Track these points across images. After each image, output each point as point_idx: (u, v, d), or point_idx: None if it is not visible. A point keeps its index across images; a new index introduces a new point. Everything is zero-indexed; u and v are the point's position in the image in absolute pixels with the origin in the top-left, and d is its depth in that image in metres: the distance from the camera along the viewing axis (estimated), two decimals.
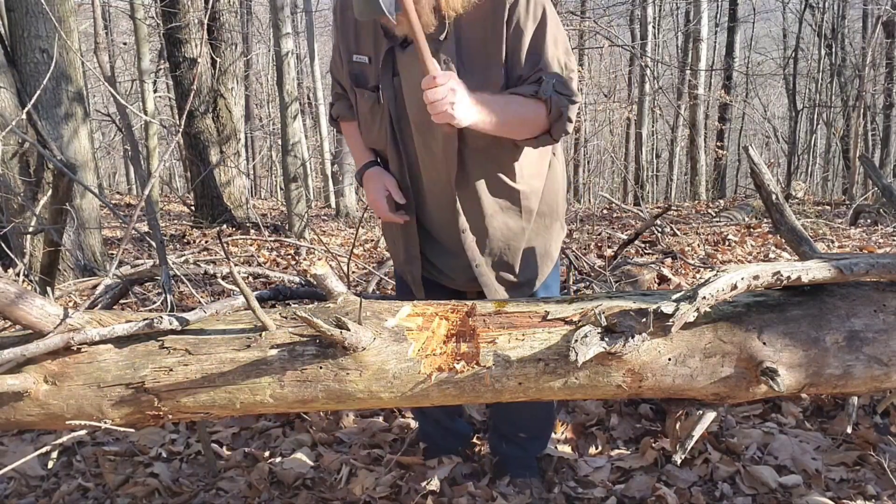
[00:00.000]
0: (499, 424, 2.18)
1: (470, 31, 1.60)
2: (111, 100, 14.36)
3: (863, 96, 11.94)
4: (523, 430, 2.13)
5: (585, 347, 1.35)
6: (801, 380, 1.50)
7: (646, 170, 15.75)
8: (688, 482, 2.09)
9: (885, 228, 5.90)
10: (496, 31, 1.58)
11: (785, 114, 18.38)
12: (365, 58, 1.72)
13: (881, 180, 1.82)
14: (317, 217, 9.49)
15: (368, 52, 1.71)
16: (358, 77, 1.75)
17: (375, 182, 1.79)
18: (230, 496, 2.14)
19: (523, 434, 2.13)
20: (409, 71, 1.65)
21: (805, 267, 1.47)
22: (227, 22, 7.94)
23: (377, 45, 1.69)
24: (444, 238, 1.83)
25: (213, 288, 4.25)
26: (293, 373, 1.43)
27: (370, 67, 1.72)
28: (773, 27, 19.48)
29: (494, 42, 1.59)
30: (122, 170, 21.26)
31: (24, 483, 2.27)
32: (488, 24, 1.58)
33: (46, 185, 3.82)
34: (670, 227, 5.94)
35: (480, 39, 1.60)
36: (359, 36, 1.72)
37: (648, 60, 13.97)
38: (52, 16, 4.13)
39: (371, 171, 1.81)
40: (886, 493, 1.97)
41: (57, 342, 1.38)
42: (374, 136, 1.79)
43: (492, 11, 1.57)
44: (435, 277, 1.91)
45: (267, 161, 19.46)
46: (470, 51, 1.61)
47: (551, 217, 1.86)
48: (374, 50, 1.70)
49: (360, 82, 1.75)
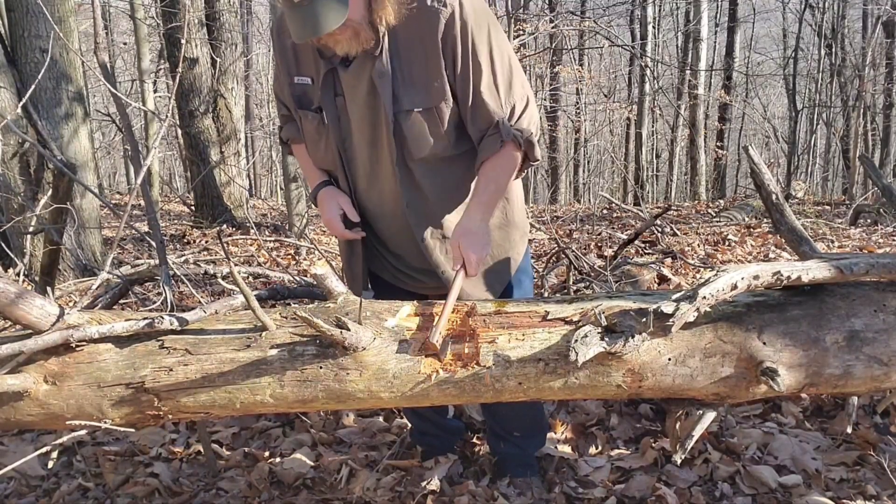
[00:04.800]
0: (492, 425, 2.19)
1: (409, 45, 1.59)
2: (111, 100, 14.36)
3: (863, 96, 11.95)
4: (516, 429, 2.13)
5: (585, 347, 1.35)
6: (801, 380, 1.50)
7: (646, 170, 15.74)
8: (688, 482, 2.09)
9: (885, 228, 5.90)
10: (432, 46, 1.57)
11: (785, 114, 18.38)
12: (307, 79, 1.71)
13: (881, 180, 1.82)
14: (317, 217, 9.48)
15: (310, 73, 1.71)
16: (301, 98, 1.75)
17: (329, 202, 1.78)
18: (230, 496, 2.13)
19: (517, 433, 2.13)
20: (352, 88, 1.65)
21: (805, 267, 1.47)
22: (227, 22, 7.94)
23: (318, 66, 1.67)
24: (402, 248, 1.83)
25: (213, 288, 4.25)
26: (293, 373, 1.43)
27: (312, 88, 1.71)
28: (773, 27, 19.49)
29: (433, 56, 1.59)
30: (122, 170, 21.25)
31: (25, 483, 2.27)
32: (426, 39, 1.57)
33: (46, 185, 3.82)
34: (670, 227, 5.94)
35: (420, 53, 1.59)
36: (298, 58, 1.71)
37: (648, 60, 13.98)
38: (52, 16, 4.13)
39: (324, 191, 1.80)
40: (886, 493, 1.97)
41: (56, 338, 1.38)
42: (321, 156, 1.80)
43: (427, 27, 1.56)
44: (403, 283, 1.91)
45: (267, 161, 19.45)
46: (410, 65, 1.60)
47: (509, 227, 1.85)
48: (315, 71, 1.69)
49: (303, 104, 1.74)
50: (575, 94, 16.59)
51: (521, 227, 1.89)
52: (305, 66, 1.71)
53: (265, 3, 14.19)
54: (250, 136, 16.05)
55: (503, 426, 2.14)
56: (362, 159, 1.74)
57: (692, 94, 14.10)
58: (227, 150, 7.91)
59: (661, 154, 18.52)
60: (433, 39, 1.56)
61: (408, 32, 1.58)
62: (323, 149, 1.76)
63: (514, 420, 2.11)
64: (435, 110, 1.62)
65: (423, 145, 1.65)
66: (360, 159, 1.74)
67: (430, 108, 1.62)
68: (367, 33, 1.54)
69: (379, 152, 1.70)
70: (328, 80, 1.67)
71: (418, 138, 1.64)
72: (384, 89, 1.59)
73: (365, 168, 1.74)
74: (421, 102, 1.61)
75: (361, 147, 1.72)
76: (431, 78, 1.60)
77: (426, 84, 1.60)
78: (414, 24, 1.56)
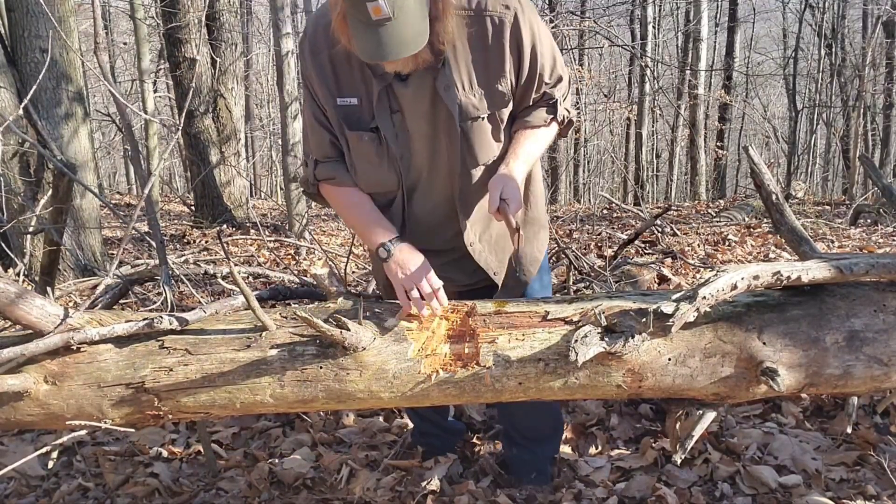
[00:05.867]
0: (507, 428, 2.18)
1: (469, 54, 1.57)
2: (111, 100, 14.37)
3: (863, 96, 11.94)
4: (532, 432, 2.12)
5: (585, 347, 1.35)
6: (801, 380, 1.50)
7: (646, 170, 15.74)
8: (688, 482, 2.09)
9: (885, 228, 5.89)
10: (497, 50, 1.56)
11: (785, 114, 18.38)
12: (352, 99, 1.61)
13: (881, 180, 1.82)
14: (317, 217, 9.48)
15: (356, 92, 1.60)
16: (348, 120, 1.62)
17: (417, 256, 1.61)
18: (230, 496, 2.13)
19: (532, 436, 2.12)
20: (412, 103, 1.60)
21: (805, 267, 1.47)
22: (227, 22, 7.94)
23: (367, 84, 1.58)
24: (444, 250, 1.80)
25: (213, 288, 4.25)
26: (293, 373, 1.44)
27: (360, 108, 1.61)
28: (773, 27, 19.48)
29: (497, 61, 1.57)
30: (122, 170, 21.25)
31: (25, 483, 2.27)
32: (491, 45, 1.55)
33: (46, 185, 3.82)
34: (670, 227, 5.94)
35: (481, 60, 1.57)
36: (339, 77, 1.60)
37: (648, 60, 13.98)
38: (52, 16, 4.13)
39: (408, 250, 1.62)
40: (886, 493, 1.97)
41: (56, 341, 1.38)
42: (376, 178, 1.67)
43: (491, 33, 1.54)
44: None
45: (267, 161, 19.45)
46: (471, 73, 1.58)
47: (538, 224, 1.87)
48: (363, 90, 1.60)
49: (352, 125, 1.62)
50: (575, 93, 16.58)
51: (543, 223, 1.90)
52: (349, 86, 1.60)
53: (265, 3, 14.20)
54: (250, 136, 16.05)
55: (518, 429, 2.13)
56: (419, 172, 1.69)
57: (692, 94, 14.09)
58: (227, 150, 7.90)
59: (661, 154, 18.52)
60: (498, 44, 1.55)
61: (468, 41, 1.55)
62: (382, 169, 1.66)
63: (531, 422, 2.09)
64: (496, 115, 1.62)
65: (487, 150, 1.64)
66: (417, 172, 1.69)
67: (492, 113, 1.62)
68: (427, 54, 1.48)
69: (438, 163, 1.67)
70: (383, 98, 1.59)
71: (483, 144, 1.63)
72: (451, 101, 1.56)
73: (421, 180, 1.70)
74: (484, 109, 1.60)
75: (420, 160, 1.67)
76: (493, 83, 1.59)
77: (488, 90, 1.59)
78: (475, 33, 1.54)
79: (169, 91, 12.93)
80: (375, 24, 1.33)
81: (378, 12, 1.31)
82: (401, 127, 1.62)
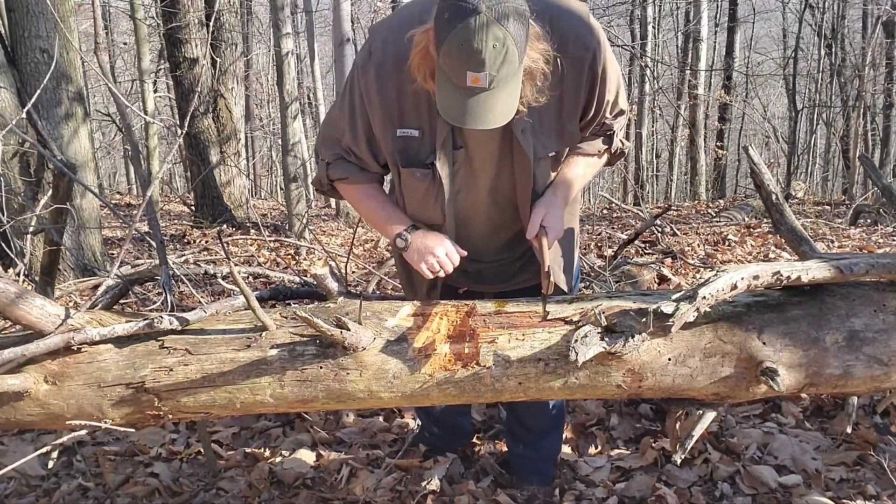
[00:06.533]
0: (512, 424, 2.17)
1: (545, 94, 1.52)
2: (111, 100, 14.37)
3: (863, 96, 11.93)
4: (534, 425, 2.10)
5: (585, 347, 1.35)
6: (801, 380, 1.50)
7: (646, 170, 15.74)
8: (688, 482, 2.09)
9: (885, 228, 5.89)
10: (573, 91, 1.53)
11: (785, 114, 18.37)
12: (413, 131, 1.55)
13: (881, 180, 1.82)
14: (317, 217, 9.48)
15: (418, 124, 1.55)
16: (404, 153, 1.58)
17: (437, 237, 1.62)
18: (230, 496, 2.14)
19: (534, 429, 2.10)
20: (482, 143, 1.57)
21: (805, 267, 1.47)
22: (227, 22, 7.94)
23: (432, 118, 1.52)
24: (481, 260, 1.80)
25: (213, 288, 4.25)
26: (293, 373, 1.44)
27: (419, 141, 1.56)
28: (773, 27, 19.48)
29: (571, 102, 1.54)
30: (122, 170, 21.25)
31: (25, 483, 2.27)
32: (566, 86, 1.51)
33: (46, 185, 3.82)
34: (670, 227, 5.94)
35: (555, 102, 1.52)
36: (403, 108, 1.53)
37: (648, 60, 13.97)
38: (53, 16, 4.13)
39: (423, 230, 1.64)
40: (886, 493, 1.97)
41: (57, 342, 1.38)
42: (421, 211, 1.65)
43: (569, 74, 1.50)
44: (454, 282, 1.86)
45: (267, 161, 19.45)
46: (542, 113, 1.53)
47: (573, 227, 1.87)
48: (426, 122, 1.54)
49: (408, 161, 1.58)
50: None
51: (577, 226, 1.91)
52: (412, 118, 1.54)
53: (265, 3, 14.20)
54: (250, 136, 16.05)
55: (522, 423, 2.12)
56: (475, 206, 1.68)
57: (692, 94, 14.08)
58: (227, 150, 7.90)
59: (661, 154, 18.51)
60: (574, 85, 1.52)
61: None
62: (428, 205, 1.63)
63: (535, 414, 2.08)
64: (561, 151, 1.63)
65: (546, 181, 1.65)
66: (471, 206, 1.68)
67: (560, 150, 1.62)
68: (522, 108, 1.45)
69: (498, 196, 1.67)
70: (448, 133, 1.55)
71: (545, 178, 1.64)
72: (527, 145, 1.54)
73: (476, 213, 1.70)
74: (553, 147, 1.59)
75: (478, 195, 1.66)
76: (565, 123, 1.58)
77: (559, 130, 1.59)
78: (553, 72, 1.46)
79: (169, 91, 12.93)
80: (468, 90, 1.29)
81: (476, 81, 1.27)
82: (463, 163, 1.60)
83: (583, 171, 1.69)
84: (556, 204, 1.62)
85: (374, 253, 5.76)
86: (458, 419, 2.30)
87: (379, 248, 5.91)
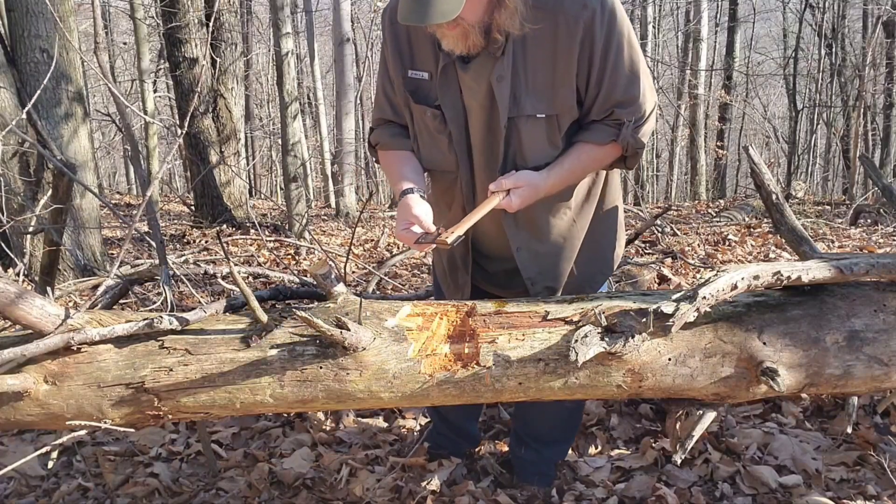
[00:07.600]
0: (517, 427, 2.16)
1: (537, 49, 1.52)
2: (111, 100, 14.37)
3: (863, 96, 11.93)
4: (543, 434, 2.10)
5: (585, 347, 1.35)
6: (802, 380, 1.50)
7: (646, 170, 15.74)
8: (688, 482, 2.09)
9: (885, 228, 5.89)
10: (566, 51, 1.50)
11: (785, 114, 18.38)
12: (423, 74, 1.61)
13: (881, 180, 1.82)
14: (317, 217, 9.48)
15: (427, 67, 1.61)
16: (416, 94, 1.64)
17: (403, 213, 1.63)
18: (230, 496, 2.13)
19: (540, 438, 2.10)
20: (471, 89, 1.58)
21: (805, 267, 1.47)
22: (227, 22, 7.94)
23: (436, 59, 1.58)
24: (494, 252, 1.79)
25: (213, 288, 4.25)
26: (293, 373, 1.43)
27: (429, 84, 1.61)
28: (773, 27, 19.49)
29: (564, 62, 1.51)
30: (122, 170, 21.27)
31: (24, 483, 2.27)
32: (559, 45, 1.50)
33: (46, 185, 3.82)
34: (670, 227, 5.94)
35: (548, 60, 1.52)
36: (414, 50, 1.61)
37: (649, 60, 13.98)
38: (52, 16, 4.13)
39: (405, 199, 1.63)
40: (886, 493, 1.97)
41: (57, 342, 1.38)
42: (436, 156, 1.68)
43: (564, 31, 1.49)
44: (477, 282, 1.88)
45: (267, 161, 19.45)
46: (536, 69, 1.53)
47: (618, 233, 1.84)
48: (433, 65, 1.60)
49: (419, 99, 1.64)
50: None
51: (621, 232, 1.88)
52: (422, 60, 1.61)
53: (265, 3, 14.20)
54: (250, 136, 16.04)
55: (530, 430, 2.11)
56: (479, 162, 1.67)
57: (692, 93, 14.10)
58: (227, 150, 7.90)
59: (661, 154, 18.52)
60: (568, 46, 1.49)
61: (538, 36, 1.50)
62: (442, 146, 1.65)
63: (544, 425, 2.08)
64: (556, 118, 1.57)
65: (539, 153, 1.59)
66: (477, 161, 1.67)
67: (551, 115, 1.57)
68: (477, 38, 1.47)
69: (492, 157, 1.64)
70: (446, 77, 1.58)
71: (534, 145, 1.59)
72: (500, 93, 1.53)
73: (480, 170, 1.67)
74: (544, 109, 1.55)
75: (478, 150, 1.65)
76: (558, 85, 1.54)
77: (551, 91, 1.55)
78: (547, 29, 1.48)
79: (169, 91, 12.94)
80: None
81: None
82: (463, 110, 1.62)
83: (582, 159, 1.62)
84: (537, 182, 1.57)
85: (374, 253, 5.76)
86: (465, 423, 2.28)
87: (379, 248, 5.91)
